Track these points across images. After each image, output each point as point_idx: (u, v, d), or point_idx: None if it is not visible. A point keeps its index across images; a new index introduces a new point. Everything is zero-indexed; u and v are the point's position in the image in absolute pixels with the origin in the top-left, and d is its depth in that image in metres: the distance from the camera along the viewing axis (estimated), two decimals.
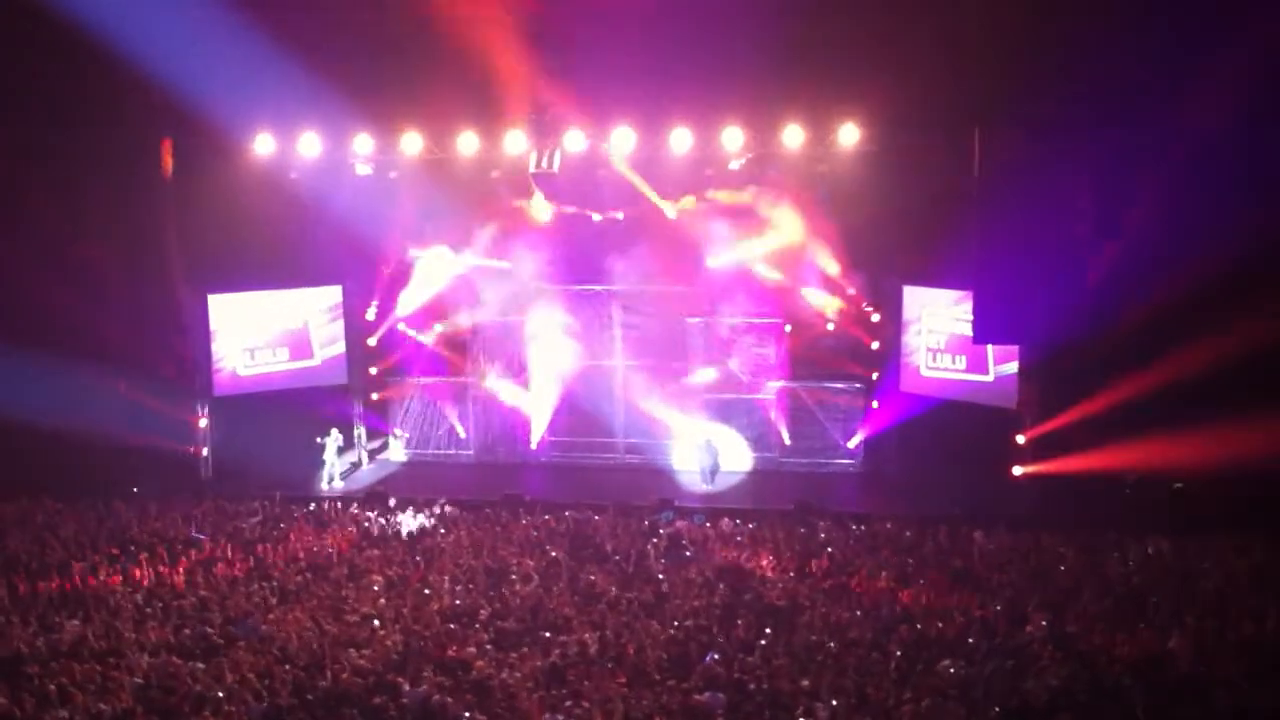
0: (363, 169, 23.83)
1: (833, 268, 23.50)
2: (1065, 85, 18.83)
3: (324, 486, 23.75)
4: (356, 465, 25.16)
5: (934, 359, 23.01)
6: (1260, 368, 18.47)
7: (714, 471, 23.80)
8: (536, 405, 25.23)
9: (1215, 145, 17.97)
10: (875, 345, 23.83)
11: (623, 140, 22.47)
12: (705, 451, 23.97)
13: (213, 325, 24.10)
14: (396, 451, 25.97)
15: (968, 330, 21.73)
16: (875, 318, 23.74)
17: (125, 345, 21.94)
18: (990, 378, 22.26)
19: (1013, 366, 21.90)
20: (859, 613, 15.59)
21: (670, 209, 23.74)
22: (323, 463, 24.04)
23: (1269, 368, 18.44)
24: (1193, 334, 18.90)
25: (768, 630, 14.93)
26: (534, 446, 25.45)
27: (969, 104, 20.04)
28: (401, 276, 25.11)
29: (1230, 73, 17.71)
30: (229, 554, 18.41)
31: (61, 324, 21.40)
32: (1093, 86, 18.83)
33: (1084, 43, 18.85)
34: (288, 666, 13.77)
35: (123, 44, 20.31)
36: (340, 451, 24.38)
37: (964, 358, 22.53)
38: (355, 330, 25.41)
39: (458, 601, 16.16)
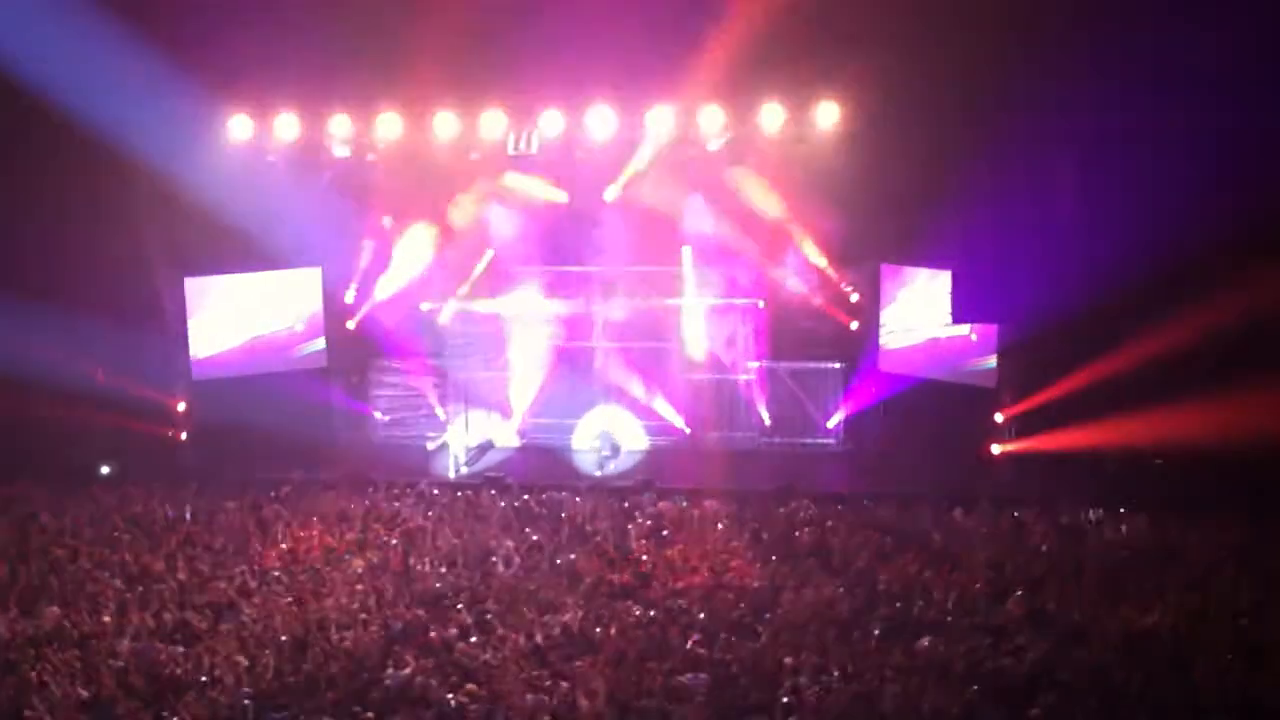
0: (340, 151, 23.66)
1: (812, 247, 23.47)
2: (1050, 66, 18.83)
3: (450, 474, 23.71)
4: (484, 450, 24.96)
5: (913, 337, 23.07)
6: (1240, 347, 18.58)
7: (609, 458, 23.83)
8: (516, 387, 25.18)
9: (1199, 129, 18.02)
10: (854, 325, 23.82)
11: (600, 120, 22.42)
12: (600, 439, 24.04)
13: (190, 308, 23.97)
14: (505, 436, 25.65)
15: (947, 309, 21.82)
16: (854, 297, 23.73)
17: (102, 330, 21.78)
18: (973, 336, 22.33)
19: (991, 361, 22.04)
20: (840, 591, 15.65)
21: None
22: (448, 448, 24.30)
23: (1249, 347, 18.55)
24: (1173, 314, 18.98)
25: (749, 610, 15.00)
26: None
27: (951, 83, 20.01)
28: (380, 259, 24.97)
29: (1217, 60, 17.75)
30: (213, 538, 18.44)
31: (36, 309, 21.21)
32: (1078, 68, 18.84)
33: (1070, 24, 18.87)
34: (269, 650, 13.77)
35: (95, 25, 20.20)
36: (466, 437, 24.60)
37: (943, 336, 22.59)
38: (334, 313, 25.29)
39: (439, 584, 16.19)
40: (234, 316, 24.40)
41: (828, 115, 21.79)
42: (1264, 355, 18.50)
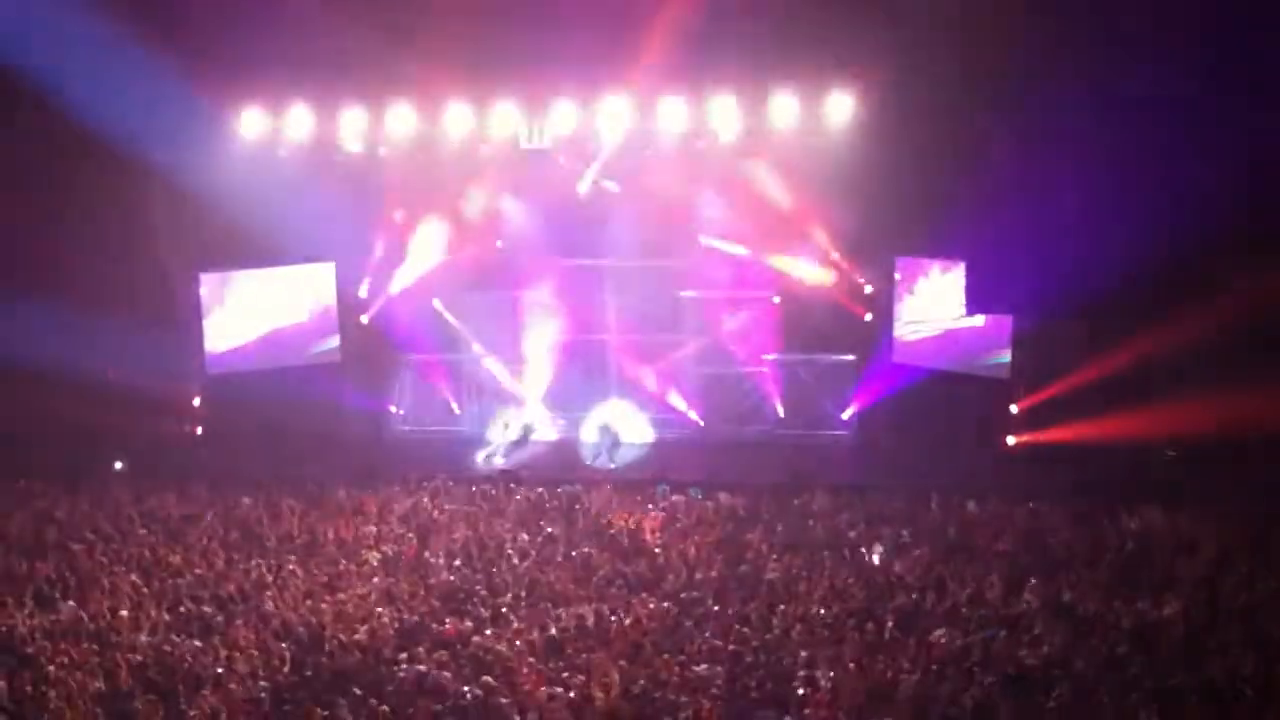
0: (353, 145, 23.65)
1: (825, 239, 23.42)
2: (1064, 59, 18.77)
3: (481, 463, 23.85)
4: (521, 442, 24.95)
5: (927, 329, 23.04)
6: (1253, 337, 18.51)
7: (610, 450, 23.89)
8: (529, 380, 25.21)
9: (1211, 125, 17.94)
10: (868, 317, 23.76)
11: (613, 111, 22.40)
12: (602, 433, 24.11)
13: (205, 304, 24.04)
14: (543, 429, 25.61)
15: (961, 301, 21.80)
16: (868, 289, 23.68)
17: (117, 326, 21.84)
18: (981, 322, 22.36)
19: (1005, 353, 22.02)
20: (853, 583, 15.64)
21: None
22: (488, 441, 24.45)
23: (1261, 337, 18.48)
24: (1186, 304, 18.91)
25: (764, 602, 15.00)
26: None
27: (965, 76, 19.94)
28: (394, 253, 24.99)
29: (1222, 48, 17.69)
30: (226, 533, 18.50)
31: (52, 306, 21.29)
32: (1091, 62, 18.76)
33: (1082, 19, 18.82)
34: (286, 644, 13.82)
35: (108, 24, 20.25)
36: (506, 430, 24.73)
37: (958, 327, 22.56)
38: (348, 307, 25.33)
39: (454, 577, 16.22)
40: (248, 312, 24.49)
41: (841, 107, 21.76)
42: (1276, 345, 18.43)
